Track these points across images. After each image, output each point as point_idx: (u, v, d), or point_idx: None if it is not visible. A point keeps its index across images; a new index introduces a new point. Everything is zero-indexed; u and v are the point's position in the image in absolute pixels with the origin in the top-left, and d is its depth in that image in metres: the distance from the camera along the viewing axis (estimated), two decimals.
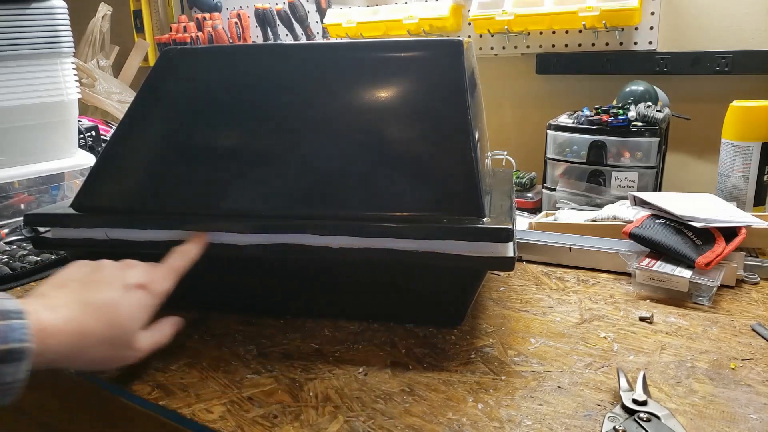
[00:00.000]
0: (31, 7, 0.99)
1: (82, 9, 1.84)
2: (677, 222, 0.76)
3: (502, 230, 0.56)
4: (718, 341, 0.60)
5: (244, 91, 0.67)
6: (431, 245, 0.57)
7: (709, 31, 1.15)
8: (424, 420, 0.49)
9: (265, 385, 0.54)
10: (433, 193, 0.60)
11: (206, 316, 0.68)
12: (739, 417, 0.48)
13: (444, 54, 0.63)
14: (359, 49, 0.69)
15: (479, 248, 0.57)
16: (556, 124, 1.09)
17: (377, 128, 0.63)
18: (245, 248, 0.60)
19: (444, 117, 0.62)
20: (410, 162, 0.61)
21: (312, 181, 0.62)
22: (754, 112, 0.92)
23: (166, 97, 0.69)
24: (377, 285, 0.64)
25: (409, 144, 0.62)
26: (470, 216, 0.58)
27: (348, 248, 0.58)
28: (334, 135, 0.63)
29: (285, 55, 0.69)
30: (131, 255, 0.66)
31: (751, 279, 0.73)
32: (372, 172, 0.61)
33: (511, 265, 0.57)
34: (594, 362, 0.57)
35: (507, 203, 0.66)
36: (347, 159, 0.62)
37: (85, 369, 0.55)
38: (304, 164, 0.63)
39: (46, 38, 1.02)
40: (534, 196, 1.16)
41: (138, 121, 0.69)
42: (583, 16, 1.16)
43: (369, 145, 0.62)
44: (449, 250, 0.57)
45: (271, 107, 0.66)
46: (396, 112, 0.63)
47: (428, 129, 0.62)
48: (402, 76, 0.64)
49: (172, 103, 0.69)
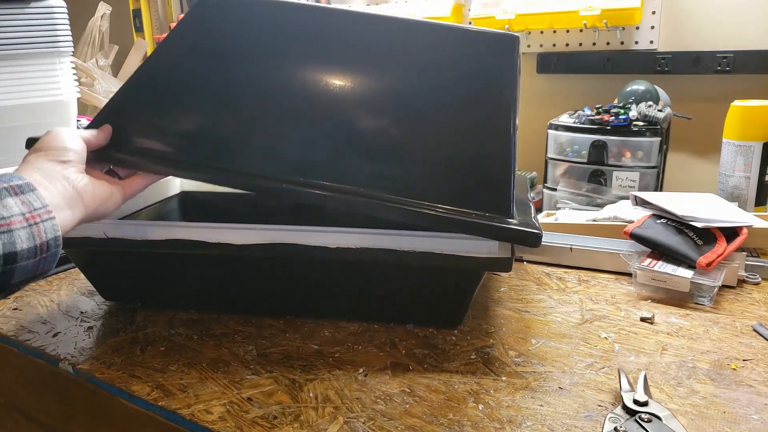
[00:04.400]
0: (29, 6, 0.99)
1: (81, 8, 1.84)
2: (678, 222, 0.75)
3: (531, 234, 0.54)
4: (720, 342, 0.60)
5: (280, 46, 0.65)
6: (430, 245, 0.57)
7: (710, 31, 1.14)
8: (425, 421, 0.48)
9: (264, 385, 0.54)
10: (463, 186, 0.58)
11: (206, 316, 0.68)
12: (740, 417, 0.48)
13: (500, 49, 0.62)
14: (412, 28, 0.65)
15: (477, 249, 0.57)
16: (557, 123, 1.09)
17: (419, 109, 0.61)
18: (243, 248, 0.60)
19: (491, 111, 0.60)
20: (447, 151, 0.60)
21: (337, 146, 0.60)
22: (756, 111, 0.91)
23: (195, 43, 0.67)
24: (375, 286, 0.64)
25: (450, 132, 0.61)
26: (498, 215, 0.56)
27: (345, 248, 0.58)
28: (371, 108, 0.62)
29: (334, 18, 0.66)
30: (130, 254, 0.66)
31: (753, 279, 0.73)
32: (404, 153, 0.60)
33: (508, 266, 0.56)
34: (595, 363, 0.56)
35: (529, 209, 0.66)
36: (381, 134, 0.61)
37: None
38: (332, 128, 0.61)
39: (45, 37, 1.02)
40: (535, 196, 1.16)
41: (165, 61, 0.67)
42: (584, 16, 1.15)
43: (405, 124, 0.61)
44: (446, 251, 0.57)
45: (307, 68, 0.64)
46: (442, 97, 0.62)
47: (472, 120, 0.60)
48: (454, 63, 0.63)
49: (200, 49, 0.67)
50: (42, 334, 0.65)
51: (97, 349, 0.62)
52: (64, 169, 0.54)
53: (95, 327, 0.67)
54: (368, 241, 0.58)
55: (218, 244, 0.60)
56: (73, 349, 0.62)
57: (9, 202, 0.46)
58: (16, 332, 0.66)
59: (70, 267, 0.83)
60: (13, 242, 0.45)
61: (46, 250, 0.48)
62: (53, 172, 0.53)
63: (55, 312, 0.70)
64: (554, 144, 1.09)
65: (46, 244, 0.47)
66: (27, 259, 0.46)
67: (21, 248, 0.45)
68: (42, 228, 0.47)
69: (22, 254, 0.46)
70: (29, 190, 0.48)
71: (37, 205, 0.47)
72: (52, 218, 0.48)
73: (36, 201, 0.48)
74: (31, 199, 0.47)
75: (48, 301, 0.73)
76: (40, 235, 0.47)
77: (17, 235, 0.45)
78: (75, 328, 0.66)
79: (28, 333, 0.65)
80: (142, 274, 0.70)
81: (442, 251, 0.57)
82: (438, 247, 0.57)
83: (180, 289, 0.70)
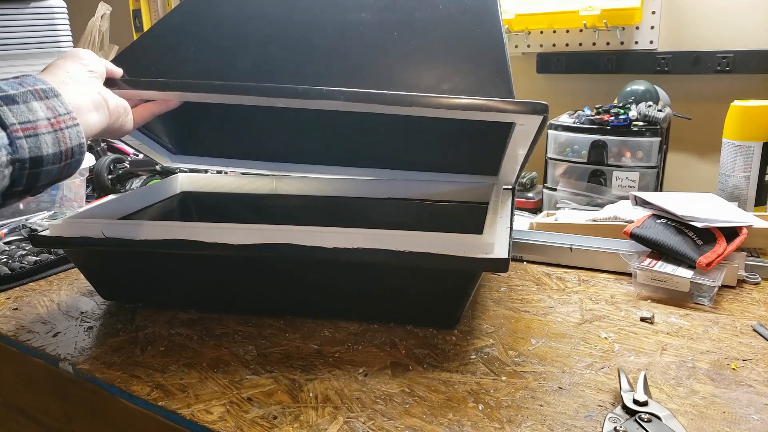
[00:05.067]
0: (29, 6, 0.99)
1: (81, 8, 1.84)
2: (678, 222, 0.75)
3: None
4: (719, 341, 0.60)
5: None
6: (425, 245, 0.57)
7: (710, 31, 1.14)
8: (425, 421, 0.48)
9: (264, 385, 0.54)
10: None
11: (206, 316, 0.68)
12: (740, 417, 0.48)
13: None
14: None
15: (473, 249, 0.56)
16: (556, 123, 1.09)
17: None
18: (240, 248, 0.60)
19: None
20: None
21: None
22: (755, 111, 0.91)
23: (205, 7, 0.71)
24: (372, 286, 0.64)
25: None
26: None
27: (342, 249, 0.58)
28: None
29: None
30: (129, 253, 0.67)
31: (752, 279, 0.73)
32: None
33: (504, 267, 0.56)
34: (595, 363, 0.56)
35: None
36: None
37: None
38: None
39: (45, 37, 1.02)
40: (535, 196, 1.16)
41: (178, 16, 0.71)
42: (584, 16, 1.15)
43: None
44: (442, 251, 0.56)
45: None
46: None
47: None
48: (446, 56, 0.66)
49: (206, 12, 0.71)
50: (42, 334, 0.65)
51: (97, 349, 0.62)
52: (90, 75, 0.55)
53: (95, 327, 0.67)
54: (364, 241, 0.58)
55: (215, 244, 0.60)
56: (73, 349, 0.62)
57: (35, 106, 0.46)
58: (16, 332, 0.66)
59: (70, 267, 0.83)
60: (39, 146, 0.45)
61: (71, 156, 0.48)
62: (81, 76, 0.54)
63: (55, 312, 0.70)
64: (554, 144, 1.09)
65: (70, 150, 0.48)
66: (52, 164, 0.47)
67: (47, 153, 0.46)
68: (67, 134, 0.48)
69: (48, 159, 0.46)
70: (53, 95, 0.48)
71: (61, 111, 0.48)
72: (76, 125, 0.49)
73: (60, 107, 0.48)
74: (56, 105, 0.48)
75: (48, 301, 0.73)
76: (65, 141, 0.47)
77: (43, 140, 0.46)
78: (75, 328, 0.66)
79: (28, 333, 0.65)
80: (141, 273, 0.70)
81: (437, 252, 0.57)
82: (434, 248, 0.57)
83: (179, 288, 0.70)
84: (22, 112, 0.45)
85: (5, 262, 0.82)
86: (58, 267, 0.83)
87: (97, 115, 0.54)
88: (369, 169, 0.86)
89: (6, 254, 0.86)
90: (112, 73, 0.62)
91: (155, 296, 0.71)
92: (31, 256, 0.85)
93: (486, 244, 0.56)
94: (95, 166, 1.15)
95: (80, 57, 0.56)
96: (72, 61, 0.55)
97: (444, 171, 0.84)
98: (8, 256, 0.85)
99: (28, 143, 0.45)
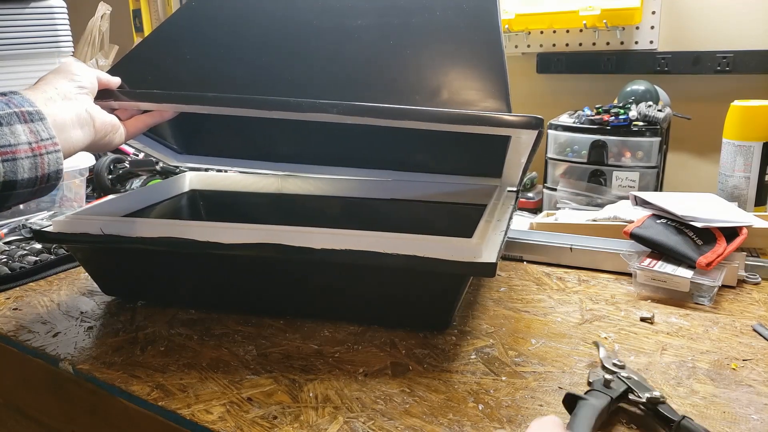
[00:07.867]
0: (29, 6, 0.99)
1: (81, 8, 1.84)
2: (678, 222, 0.75)
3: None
4: (719, 341, 0.60)
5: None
6: (412, 248, 0.56)
7: (710, 31, 1.14)
8: (425, 421, 0.48)
9: (264, 385, 0.54)
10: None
11: (206, 316, 0.68)
12: (740, 417, 0.48)
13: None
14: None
15: (460, 253, 0.56)
16: (556, 123, 1.09)
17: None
18: (231, 247, 0.60)
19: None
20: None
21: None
22: (755, 111, 0.91)
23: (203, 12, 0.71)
24: (362, 287, 0.63)
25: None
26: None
27: (329, 249, 0.58)
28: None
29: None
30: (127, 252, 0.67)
31: (752, 279, 0.73)
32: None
33: (491, 271, 0.55)
34: (595, 363, 0.56)
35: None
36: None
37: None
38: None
39: (45, 37, 1.02)
40: (535, 196, 1.16)
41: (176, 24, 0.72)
42: (584, 16, 1.15)
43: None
44: (428, 254, 0.56)
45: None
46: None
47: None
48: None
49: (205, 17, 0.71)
50: (42, 334, 0.65)
51: (97, 349, 0.62)
52: (79, 92, 0.55)
53: (95, 327, 0.67)
54: (352, 242, 0.58)
55: (207, 243, 0.61)
56: (73, 349, 0.62)
57: (18, 129, 0.46)
58: (16, 332, 0.66)
59: (70, 267, 0.83)
60: (15, 171, 0.46)
61: (46, 182, 0.49)
62: (69, 92, 0.54)
63: (55, 312, 0.70)
64: (554, 144, 1.09)
65: (46, 176, 0.48)
66: (25, 188, 0.47)
67: (21, 177, 0.46)
68: (46, 160, 0.48)
69: (22, 183, 0.47)
70: (38, 118, 0.48)
71: (44, 136, 0.48)
72: (57, 150, 0.49)
73: (44, 131, 0.48)
74: (40, 129, 0.48)
75: (48, 301, 0.73)
76: (43, 166, 0.48)
77: (20, 165, 0.46)
78: (75, 328, 0.66)
79: (28, 333, 0.65)
80: (140, 270, 0.70)
81: (425, 255, 0.56)
82: (421, 251, 0.56)
83: (177, 286, 0.70)
84: (4, 135, 0.45)
85: (5, 262, 0.82)
86: (58, 267, 0.83)
87: (81, 133, 0.54)
88: (374, 171, 0.86)
89: (6, 254, 0.86)
90: (108, 84, 0.62)
91: (154, 293, 0.72)
92: (31, 256, 0.85)
93: (474, 248, 0.56)
94: (95, 166, 1.15)
95: (72, 72, 0.56)
96: (62, 77, 0.55)
97: (448, 173, 0.84)
98: (8, 256, 0.85)
99: (4, 167, 0.45)
